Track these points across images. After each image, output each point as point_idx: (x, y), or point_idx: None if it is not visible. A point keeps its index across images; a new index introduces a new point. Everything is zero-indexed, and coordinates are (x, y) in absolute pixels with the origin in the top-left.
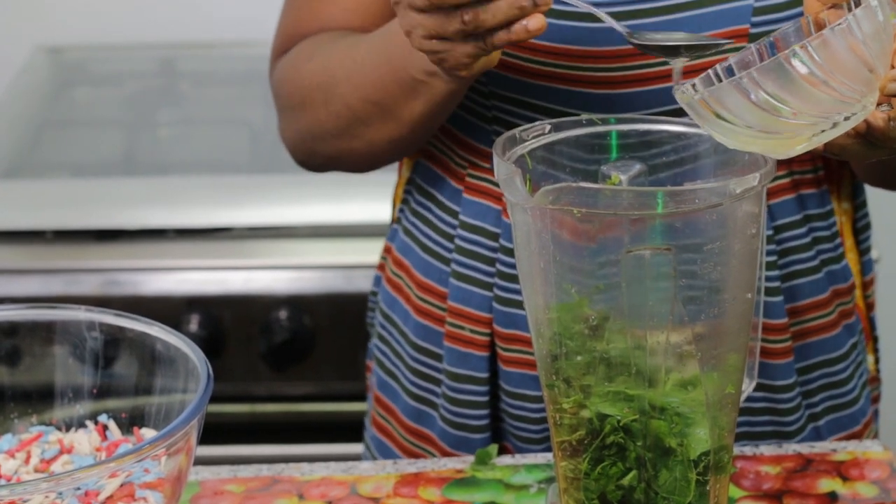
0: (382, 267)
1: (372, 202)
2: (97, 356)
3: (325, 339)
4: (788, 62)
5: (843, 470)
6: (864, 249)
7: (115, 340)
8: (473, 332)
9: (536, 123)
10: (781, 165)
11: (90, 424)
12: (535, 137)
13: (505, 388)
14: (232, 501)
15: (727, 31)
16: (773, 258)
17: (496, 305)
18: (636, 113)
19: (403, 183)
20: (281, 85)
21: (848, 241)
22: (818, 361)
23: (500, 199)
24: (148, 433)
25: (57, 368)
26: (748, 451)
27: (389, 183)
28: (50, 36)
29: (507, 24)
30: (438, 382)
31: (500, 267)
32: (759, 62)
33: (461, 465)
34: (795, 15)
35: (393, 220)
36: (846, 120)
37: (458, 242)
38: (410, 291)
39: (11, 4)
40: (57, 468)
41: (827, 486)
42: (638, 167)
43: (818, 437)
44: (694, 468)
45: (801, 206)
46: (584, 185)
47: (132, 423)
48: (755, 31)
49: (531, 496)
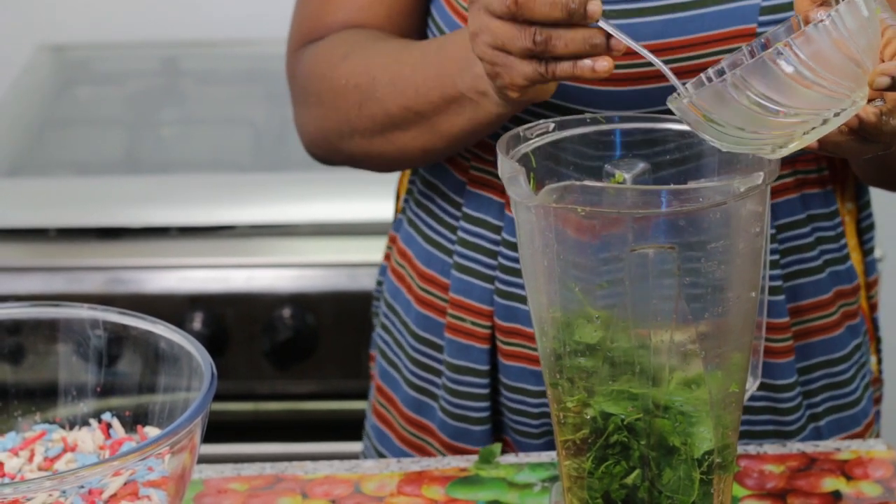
0: (388, 257)
1: (375, 200)
2: (101, 354)
3: (328, 337)
4: (773, 61)
5: (846, 469)
6: (867, 250)
7: (118, 338)
8: (474, 324)
9: (540, 122)
10: (785, 165)
11: (94, 422)
12: (538, 135)
13: (504, 381)
14: (235, 500)
15: (733, 30)
16: (775, 257)
17: (497, 298)
18: (640, 111)
19: (408, 174)
20: (310, 80)
21: (851, 241)
22: (820, 361)
23: (503, 192)
24: (151, 431)
25: (60, 366)
26: (752, 449)
27: (393, 181)
28: (52, 35)
29: (575, 56)
30: (439, 373)
31: (501, 260)
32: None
33: (465, 463)
34: None
35: (397, 210)
36: (836, 116)
37: (460, 234)
38: (413, 282)
39: (14, 3)
40: (60, 466)
41: (831, 485)
42: (642, 165)
43: (819, 437)
44: (698, 467)
45: (804, 205)
46: (588, 183)
47: (136, 421)
48: (762, 30)
49: (535, 495)
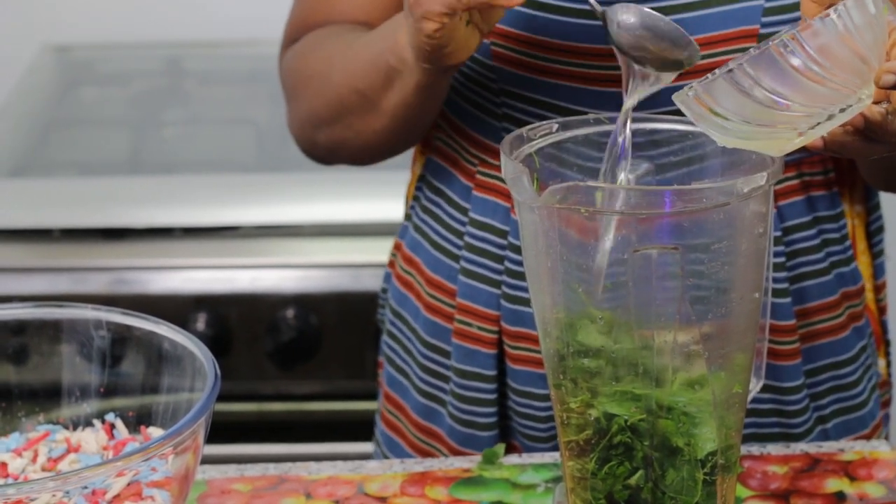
0: (392, 264)
1: (379, 201)
2: (104, 355)
3: (332, 338)
4: (780, 53)
5: (850, 470)
6: (876, 252)
7: (122, 339)
8: (481, 329)
9: (544, 122)
10: (791, 167)
11: (97, 423)
12: (542, 136)
13: (512, 385)
14: (239, 500)
15: (735, 31)
16: (781, 259)
17: (504, 303)
18: (644, 112)
19: (415, 180)
20: (287, 74)
21: (861, 244)
22: (826, 364)
23: (509, 196)
24: (155, 432)
25: (64, 367)
26: (755, 450)
27: (396, 181)
28: (56, 35)
29: None
30: (447, 379)
31: (508, 265)
32: None
33: (468, 464)
34: None
35: (405, 217)
36: (842, 112)
37: (467, 239)
38: (421, 288)
39: (18, 3)
40: (64, 467)
41: (834, 485)
42: (645, 166)
43: (826, 439)
44: (701, 468)
45: (810, 207)
46: (591, 183)
47: (139, 421)
48: (765, 31)
49: (538, 496)
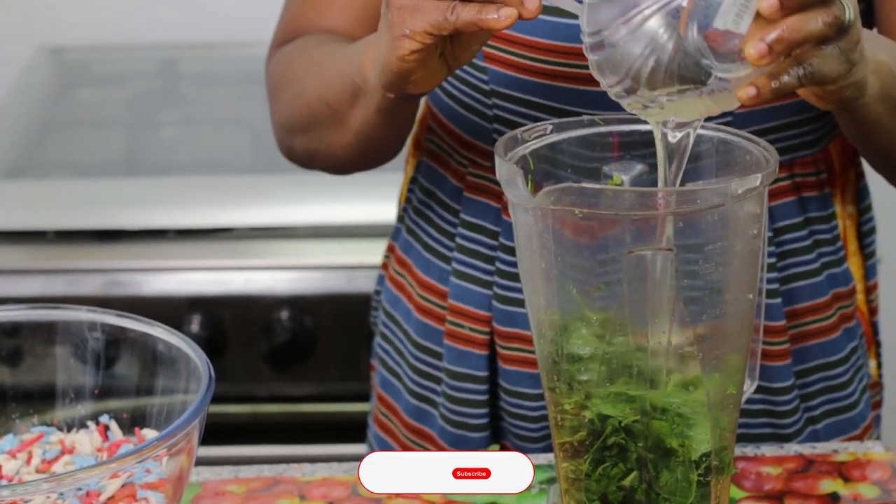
0: (386, 266)
1: (373, 202)
2: (99, 356)
3: (326, 339)
4: None
5: (844, 471)
6: (868, 254)
7: (116, 341)
8: (473, 330)
9: (538, 124)
10: (783, 167)
11: (91, 425)
12: (536, 138)
13: (504, 386)
14: (233, 502)
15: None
16: (772, 260)
17: (496, 304)
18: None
19: (407, 182)
20: (270, 76)
21: (852, 245)
22: (817, 364)
23: (500, 197)
24: (149, 434)
25: (58, 369)
26: (749, 451)
27: (390, 183)
28: (52, 36)
29: (482, 2)
30: (439, 381)
31: (499, 265)
32: None
33: None
34: None
35: (398, 219)
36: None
37: (458, 241)
38: (412, 290)
39: (14, 5)
40: (58, 469)
41: (828, 486)
42: (640, 167)
43: (816, 440)
44: (695, 469)
45: (802, 208)
46: (585, 185)
47: (133, 423)
48: None
49: (532, 497)
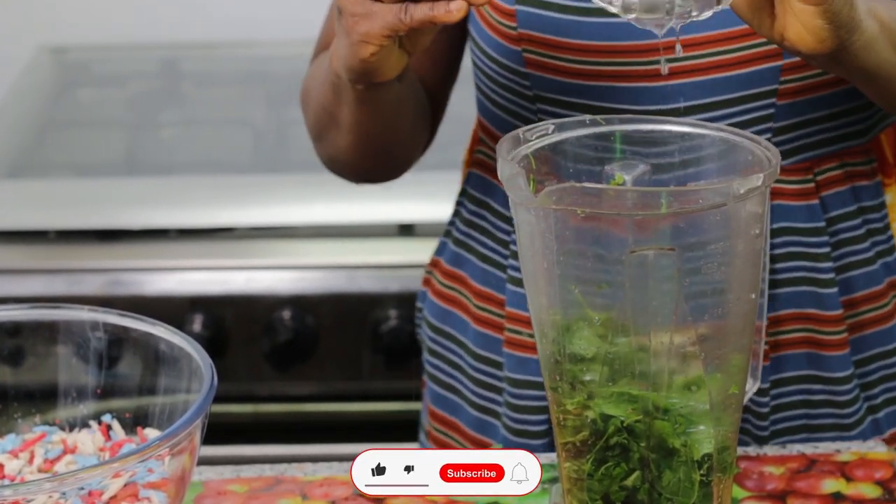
0: (428, 281)
1: (375, 203)
2: (101, 356)
3: (327, 339)
4: None
5: (847, 470)
6: None
7: (118, 340)
8: (532, 336)
9: (540, 123)
10: (832, 158)
11: (94, 424)
12: (539, 137)
13: None
14: (235, 501)
15: (755, 91)
16: (826, 250)
17: None
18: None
19: (456, 196)
20: (301, 89)
21: None
22: (875, 353)
23: None
24: (151, 433)
25: (60, 368)
26: (751, 451)
27: (391, 183)
28: (53, 36)
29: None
30: (500, 391)
31: None
32: None
33: None
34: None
35: (444, 234)
36: None
37: (513, 248)
38: (468, 301)
39: (15, 4)
40: (60, 468)
41: (831, 486)
42: (642, 167)
43: (877, 429)
44: (697, 469)
45: (855, 197)
46: (588, 185)
47: (136, 423)
48: (783, 87)
49: (534, 496)
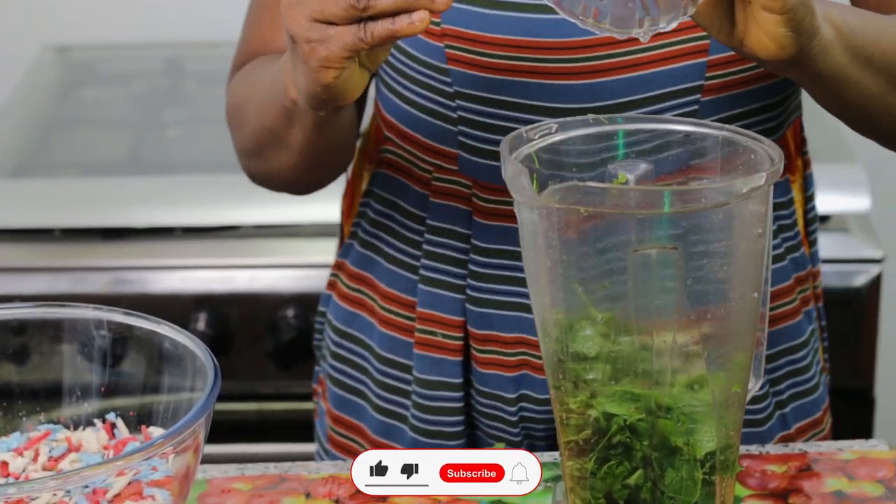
0: (333, 284)
1: None
2: (105, 354)
3: None
4: None
5: (849, 469)
6: (812, 241)
7: (122, 339)
8: (446, 336)
9: (543, 122)
10: None
11: (98, 423)
12: (541, 136)
13: (480, 389)
14: (239, 499)
15: (681, 88)
16: None
17: (469, 307)
18: (636, 112)
19: (359, 197)
20: (226, 103)
21: (801, 231)
22: (782, 349)
23: (469, 200)
24: (156, 431)
25: (65, 367)
26: (754, 449)
27: None
28: (57, 36)
29: (394, 13)
30: (407, 394)
31: (472, 267)
32: None
33: None
34: (749, 67)
35: (344, 236)
36: None
37: (425, 248)
38: (374, 304)
39: (19, 4)
40: (65, 466)
41: (833, 485)
42: (645, 166)
43: (784, 424)
44: (700, 467)
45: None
46: (590, 184)
47: (140, 421)
48: (709, 83)
49: (537, 495)
